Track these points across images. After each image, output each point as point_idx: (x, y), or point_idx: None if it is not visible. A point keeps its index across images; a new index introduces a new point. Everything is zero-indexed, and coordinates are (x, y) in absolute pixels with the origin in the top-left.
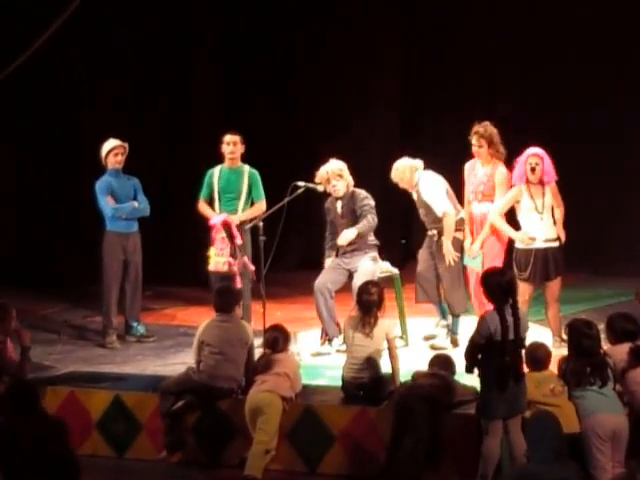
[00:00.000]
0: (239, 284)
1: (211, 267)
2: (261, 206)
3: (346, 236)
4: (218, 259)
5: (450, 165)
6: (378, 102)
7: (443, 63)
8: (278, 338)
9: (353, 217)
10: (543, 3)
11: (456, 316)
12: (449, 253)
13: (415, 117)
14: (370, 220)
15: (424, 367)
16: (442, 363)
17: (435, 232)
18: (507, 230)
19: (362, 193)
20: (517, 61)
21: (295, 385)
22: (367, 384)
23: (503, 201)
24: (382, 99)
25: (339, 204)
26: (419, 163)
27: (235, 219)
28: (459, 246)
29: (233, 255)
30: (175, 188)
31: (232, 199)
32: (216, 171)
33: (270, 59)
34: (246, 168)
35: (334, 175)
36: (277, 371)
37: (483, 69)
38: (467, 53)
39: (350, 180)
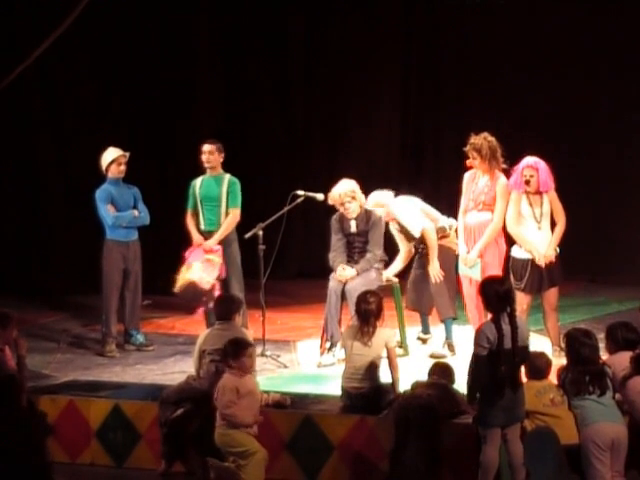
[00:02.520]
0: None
1: (195, 278)
2: (234, 215)
3: (345, 274)
4: (203, 275)
5: (450, 171)
6: (378, 107)
7: (444, 69)
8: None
9: (366, 234)
10: (545, 14)
11: (443, 321)
12: (434, 270)
13: (416, 124)
14: (371, 259)
15: (424, 376)
16: (442, 371)
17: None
18: (527, 243)
19: (376, 216)
20: (518, 69)
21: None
22: (367, 394)
23: (511, 212)
24: (383, 105)
25: (353, 223)
26: (385, 197)
27: (210, 244)
28: (450, 255)
29: (219, 279)
30: (175, 197)
31: (213, 207)
32: (198, 181)
33: (270, 67)
34: (227, 176)
35: (346, 197)
36: (225, 403)
37: (483, 78)
38: (468, 60)
39: (363, 199)
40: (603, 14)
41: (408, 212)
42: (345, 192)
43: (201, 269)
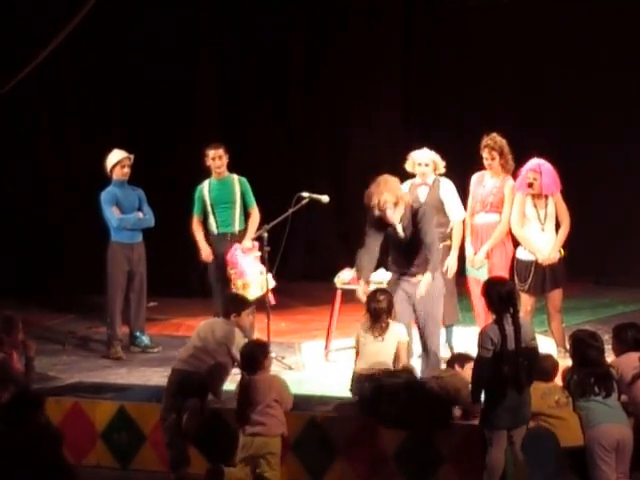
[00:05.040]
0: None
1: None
2: (255, 213)
3: (422, 289)
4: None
5: (451, 171)
6: (379, 107)
7: (444, 69)
8: (257, 356)
9: (417, 235)
10: (545, 14)
11: (448, 327)
12: (454, 266)
13: (417, 124)
14: (437, 254)
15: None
16: (463, 358)
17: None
18: (530, 244)
19: (422, 209)
20: (518, 69)
21: (286, 405)
22: (377, 374)
23: (515, 213)
24: (383, 105)
25: (400, 227)
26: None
27: (247, 243)
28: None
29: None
30: (177, 198)
31: (226, 209)
32: (205, 185)
33: (268, 67)
34: (235, 176)
35: (387, 204)
36: (266, 405)
37: (483, 77)
38: (468, 60)
39: (407, 198)
40: (603, 14)
41: (456, 195)
42: (385, 199)
43: (262, 276)
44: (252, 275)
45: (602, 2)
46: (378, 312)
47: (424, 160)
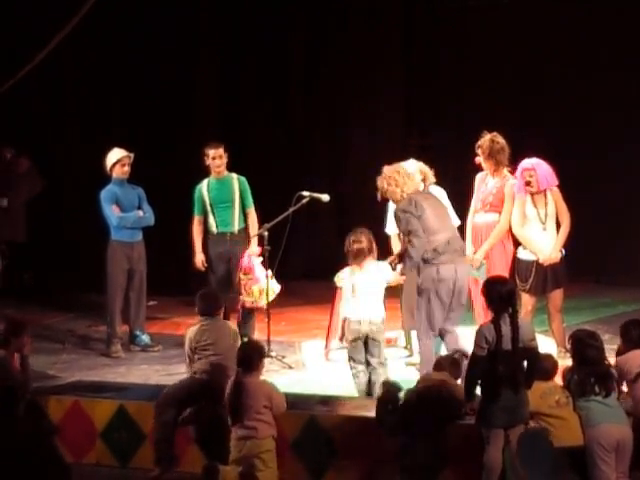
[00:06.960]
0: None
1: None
2: (253, 214)
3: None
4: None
5: (452, 172)
6: (379, 107)
7: (444, 69)
8: (253, 357)
9: None
10: (545, 14)
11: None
12: None
13: (417, 124)
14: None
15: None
16: (452, 363)
17: None
18: (531, 244)
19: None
20: (518, 69)
21: (279, 408)
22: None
23: (516, 214)
24: (384, 105)
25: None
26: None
27: (254, 250)
28: None
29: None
30: (180, 198)
31: (226, 208)
32: (204, 184)
33: (268, 67)
34: (234, 176)
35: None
36: (256, 412)
37: (483, 77)
38: (468, 60)
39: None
40: (603, 14)
41: (447, 202)
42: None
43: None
44: (264, 281)
45: (602, 2)
46: (360, 252)
47: (412, 169)
